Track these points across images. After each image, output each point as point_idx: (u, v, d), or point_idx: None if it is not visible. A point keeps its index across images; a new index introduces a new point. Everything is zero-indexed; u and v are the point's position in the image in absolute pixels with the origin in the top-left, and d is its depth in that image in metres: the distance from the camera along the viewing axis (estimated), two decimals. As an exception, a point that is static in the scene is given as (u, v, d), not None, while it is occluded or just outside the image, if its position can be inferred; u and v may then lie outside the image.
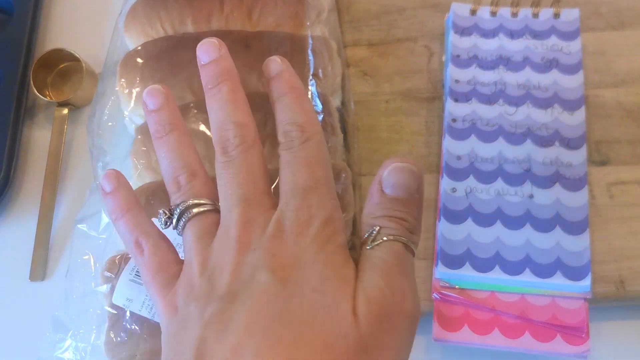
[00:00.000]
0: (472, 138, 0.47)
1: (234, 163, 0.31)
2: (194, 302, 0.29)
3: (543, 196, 0.44)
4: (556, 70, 0.49)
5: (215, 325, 0.27)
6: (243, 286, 0.28)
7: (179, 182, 0.33)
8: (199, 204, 0.32)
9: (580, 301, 0.42)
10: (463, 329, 0.42)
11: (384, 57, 0.53)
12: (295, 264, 0.28)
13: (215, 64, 0.33)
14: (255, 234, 0.30)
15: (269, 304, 0.27)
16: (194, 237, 0.31)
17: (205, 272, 0.30)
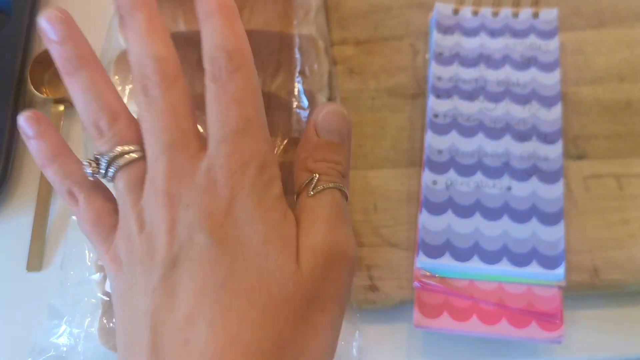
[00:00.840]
0: (453, 133, 0.48)
1: (156, 104, 0.28)
2: (138, 265, 0.28)
3: (520, 188, 0.46)
4: (534, 68, 0.51)
5: (163, 292, 0.27)
6: (182, 249, 0.27)
7: (100, 127, 0.29)
8: (126, 152, 0.29)
9: (554, 289, 0.44)
10: (443, 316, 0.43)
11: (371, 55, 0.55)
12: (233, 223, 0.27)
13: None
14: (185, 186, 0.28)
15: (213, 270, 0.26)
16: (126, 190, 0.29)
17: (143, 229, 0.28)
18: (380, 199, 0.49)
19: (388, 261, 0.46)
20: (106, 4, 0.59)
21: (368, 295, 0.45)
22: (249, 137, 0.28)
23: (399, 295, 0.45)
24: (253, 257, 0.27)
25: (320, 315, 0.28)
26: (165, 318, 0.27)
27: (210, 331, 0.26)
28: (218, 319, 0.26)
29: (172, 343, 0.26)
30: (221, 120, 0.28)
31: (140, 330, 0.27)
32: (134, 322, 0.28)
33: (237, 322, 0.26)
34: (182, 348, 0.26)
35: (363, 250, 0.47)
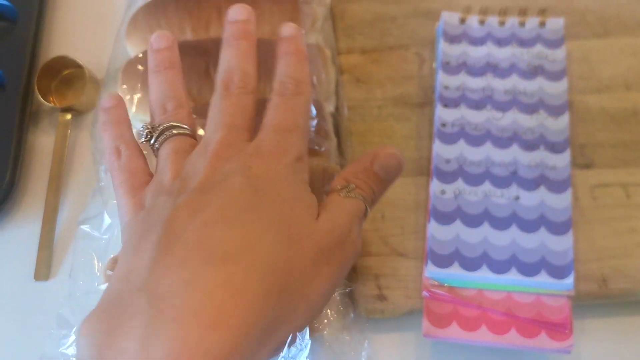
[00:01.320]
0: (461, 142, 0.49)
1: (231, 98, 0.35)
2: (163, 195, 0.31)
3: (528, 198, 0.46)
4: (541, 77, 0.51)
5: (188, 207, 0.29)
6: (217, 184, 0.30)
7: (166, 107, 0.36)
8: (180, 127, 0.35)
9: (563, 299, 0.44)
10: (452, 325, 0.43)
11: (377, 64, 0.55)
12: (268, 179, 0.31)
13: (243, 23, 0.37)
14: (234, 151, 0.32)
15: (242, 198, 0.29)
16: (171, 151, 0.34)
17: (177, 178, 0.32)
18: (388, 208, 0.49)
19: (396, 270, 0.46)
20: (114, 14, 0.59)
21: (376, 304, 0.45)
22: (294, 136, 0.34)
23: (407, 305, 0.45)
24: (280, 203, 0.30)
25: (326, 267, 0.31)
26: (182, 221, 0.28)
27: (226, 234, 0.27)
28: (237, 227, 0.28)
29: (183, 239, 0.27)
30: (277, 119, 0.34)
31: (152, 232, 0.28)
32: (144, 230, 0.29)
33: (255, 235, 0.28)
34: (193, 243, 0.27)
35: (371, 259, 0.47)
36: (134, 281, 0.27)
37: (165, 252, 0.27)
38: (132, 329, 0.24)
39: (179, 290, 0.25)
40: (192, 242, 0.27)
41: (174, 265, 0.26)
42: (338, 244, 0.32)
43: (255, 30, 0.38)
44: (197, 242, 0.27)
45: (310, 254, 0.30)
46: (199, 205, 0.29)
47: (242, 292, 0.25)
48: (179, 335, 0.23)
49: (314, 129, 0.47)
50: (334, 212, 0.33)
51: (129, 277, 0.27)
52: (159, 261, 0.27)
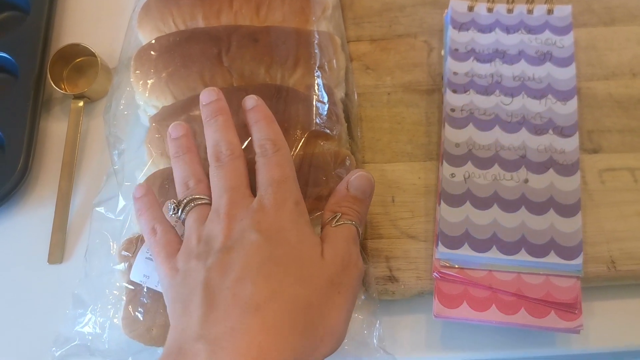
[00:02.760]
0: (470, 127, 0.49)
1: (224, 166, 0.41)
2: (194, 260, 0.37)
3: (537, 181, 0.47)
4: (550, 63, 0.51)
5: (217, 269, 0.36)
6: (236, 243, 0.37)
7: (188, 185, 0.42)
8: (200, 198, 0.41)
9: (573, 279, 0.44)
10: (462, 306, 0.44)
11: (386, 52, 0.55)
12: (276, 229, 0.37)
13: (215, 102, 0.43)
14: (241, 210, 0.38)
15: (259, 252, 0.36)
16: (193, 220, 0.40)
17: (201, 241, 0.38)
18: (398, 192, 0.49)
19: (406, 252, 0.47)
20: (126, 3, 0.60)
21: (387, 285, 0.46)
22: (288, 185, 0.40)
23: (418, 286, 0.46)
24: (290, 249, 0.37)
25: (338, 296, 0.37)
26: (218, 284, 0.35)
27: (254, 288, 0.34)
28: (261, 280, 0.35)
29: (222, 297, 0.34)
30: (268, 175, 0.40)
31: (194, 296, 0.35)
32: (187, 293, 0.36)
33: (277, 283, 0.35)
34: (231, 299, 0.34)
35: (382, 242, 0.47)
36: (189, 335, 0.34)
37: (210, 309, 0.34)
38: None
39: (227, 336, 0.33)
40: (229, 298, 0.34)
41: (220, 318, 0.34)
42: (343, 269, 0.38)
43: (226, 104, 0.43)
44: (233, 297, 0.34)
45: (323, 288, 0.36)
46: (227, 265, 0.36)
47: (275, 332, 0.33)
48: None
49: (326, 114, 0.48)
50: (332, 242, 0.39)
51: (184, 333, 0.34)
52: (208, 316, 0.34)
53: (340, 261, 0.38)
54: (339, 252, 0.38)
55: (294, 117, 0.47)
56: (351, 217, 0.40)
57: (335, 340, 0.36)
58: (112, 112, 0.51)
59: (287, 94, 0.48)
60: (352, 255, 0.39)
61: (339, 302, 0.37)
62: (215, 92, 0.44)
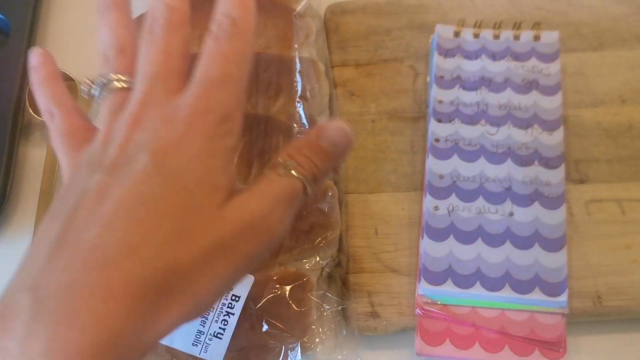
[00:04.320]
0: (455, 157, 0.48)
1: (155, 42, 0.32)
2: (85, 167, 0.30)
3: (523, 214, 0.46)
4: (536, 91, 0.50)
5: (94, 195, 0.28)
6: (125, 162, 0.29)
7: (107, 56, 0.34)
8: (120, 80, 0.32)
9: (558, 316, 0.43)
10: (445, 343, 0.43)
11: (371, 77, 0.55)
12: (176, 155, 0.29)
13: None
14: (151, 114, 0.30)
15: (141, 186, 0.28)
16: (108, 110, 0.32)
17: (106, 142, 0.31)
18: (381, 223, 0.48)
19: (389, 287, 0.46)
20: None
21: (369, 321, 0.45)
22: (222, 90, 0.30)
23: (400, 322, 0.45)
24: (181, 190, 0.28)
25: (222, 263, 0.29)
26: (82, 216, 0.28)
27: (112, 237, 0.27)
28: (126, 228, 0.27)
29: (76, 240, 0.27)
30: (204, 68, 0.30)
31: (55, 224, 0.28)
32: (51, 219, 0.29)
33: (141, 237, 0.27)
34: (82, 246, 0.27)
35: (364, 275, 0.46)
36: (24, 279, 0.27)
37: (57, 254, 0.27)
38: (14, 329, 0.26)
39: (60, 294, 0.26)
40: (81, 244, 0.27)
41: (60, 269, 0.27)
42: (244, 233, 0.29)
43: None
44: (84, 244, 0.27)
45: (204, 250, 0.28)
46: (103, 194, 0.28)
47: (116, 298, 0.26)
48: (54, 337, 0.25)
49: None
50: (254, 194, 0.30)
51: (22, 275, 0.28)
52: (52, 260, 0.27)
53: (246, 221, 0.29)
54: (252, 209, 0.30)
55: (275, 149, 0.46)
56: (304, 172, 0.31)
57: (196, 310, 0.29)
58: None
59: (268, 124, 0.47)
60: (270, 216, 0.30)
61: (220, 270, 0.29)
62: None
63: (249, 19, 0.31)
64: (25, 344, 0.25)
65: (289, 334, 0.42)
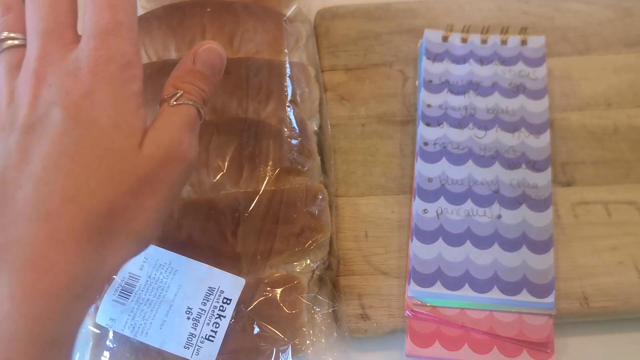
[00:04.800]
0: (443, 161, 0.49)
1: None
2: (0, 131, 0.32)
3: (510, 216, 0.46)
4: (523, 95, 0.51)
5: (16, 155, 0.30)
6: (39, 120, 0.30)
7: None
8: (11, 38, 0.33)
9: (545, 317, 0.44)
10: (434, 345, 0.44)
11: (361, 82, 0.55)
12: (88, 105, 0.30)
13: None
14: (53, 68, 0.31)
15: (62, 140, 0.30)
16: (4, 70, 0.33)
17: (11, 103, 0.32)
18: (371, 226, 0.49)
19: (379, 289, 0.46)
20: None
21: (359, 323, 0.45)
22: (118, 38, 0.31)
23: (390, 324, 0.45)
24: (100, 136, 0.30)
25: (151, 196, 0.31)
26: (12, 177, 0.30)
27: (48, 191, 0.29)
28: (58, 180, 0.29)
29: (14, 199, 0.29)
30: (94, 20, 0.31)
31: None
32: None
33: (76, 186, 0.29)
34: (22, 203, 0.29)
35: (354, 278, 0.47)
36: None
37: (1, 212, 0.29)
38: None
39: (12, 248, 0.28)
40: (20, 201, 0.29)
41: (7, 225, 0.29)
42: (163, 163, 0.32)
43: None
44: (24, 200, 0.29)
45: (133, 188, 0.31)
46: (25, 153, 0.30)
47: (65, 243, 0.28)
48: (17, 283, 0.27)
49: (298, 149, 0.47)
50: (161, 128, 0.33)
51: None
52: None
53: (163, 153, 0.32)
54: (165, 141, 0.32)
55: (265, 153, 0.47)
56: (193, 97, 0.34)
57: (139, 244, 0.32)
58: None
59: (258, 129, 0.48)
60: (181, 144, 0.33)
61: (150, 203, 0.31)
62: None
63: None
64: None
65: (280, 337, 0.42)
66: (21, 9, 0.34)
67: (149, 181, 0.31)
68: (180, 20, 0.52)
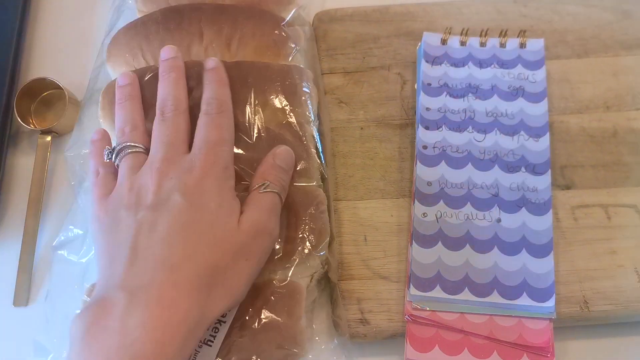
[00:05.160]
0: (442, 164, 0.49)
1: (167, 121, 0.44)
2: (124, 210, 0.41)
3: (510, 220, 0.46)
4: (522, 98, 0.51)
5: (145, 226, 0.39)
6: (162, 202, 0.40)
7: (124, 131, 0.45)
8: (135, 146, 0.44)
9: (545, 322, 0.44)
10: (434, 349, 0.43)
11: (359, 85, 0.55)
12: (200, 192, 0.41)
13: (172, 60, 0.48)
14: (173, 167, 0.42)
15: (181, 216, 0.40)
16: (127, 167, 0.43)
17: (132, 190, 0.42)
18: (370, 230, 0.48)
19: (378, 294, 0.46)
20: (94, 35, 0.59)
21: (359, 328, 0.45)
22: (222, 148, 0.43)
23: (390, 329, 0.45)
24: (209, 215, 0.40)
25: (245, 263, 0.40)
26: (143, 240, 0.39)
27: (172, 250, 0.38)
28: (179, 243, 0.39)
29: (144, 256, 0.38)
30: (205, 135, 0.43)
31: (122, 249, 0.39)
32: (116, 246, 0.40)
33: (192, 249, 0.39)
34: (151, 257, 0.38)
35: (353, 282, 0.47)
36: (113, 284, 0.38)
37: (133, 264, 0.38)
38: (114, 313, 0.36)
39: (145, 289, 0.37)
40: (150, 256, 0.38)
41: (140, 272, 0.38)
42: (255, 238, 0.41)
43: (182, 62, 0.48)
44: (153, 256, 0.38)
45: (232, 254, 0.40)
46: (153, 224, 0.39)
47: (185, 289, 0.37)
48: (147, 315, 0.35)
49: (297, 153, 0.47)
50: (253, 210, 0.42)
51: (108, 282, 0.39)
52: (130, 269, 0.38)
53: (254, 230, 0.41)
54: (256, 220, 0.41)
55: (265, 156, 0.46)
56: (276, 187, 0.43)
57: (233, 299, 0.40)
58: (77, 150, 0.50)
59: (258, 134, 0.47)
60: (268, 224, 0.42)
61: (243, 267, 0.40)
62: (174, 51, 0.48)
63: (229, 102, 0.46)
64: (124, 321, 0.35)
65: (279, 342, 0.42)
66: (145, 131, 0.46)
67: (244, 250, 0.40)
68: (178, 24, 0.52)
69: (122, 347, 0.34)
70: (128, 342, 0.34)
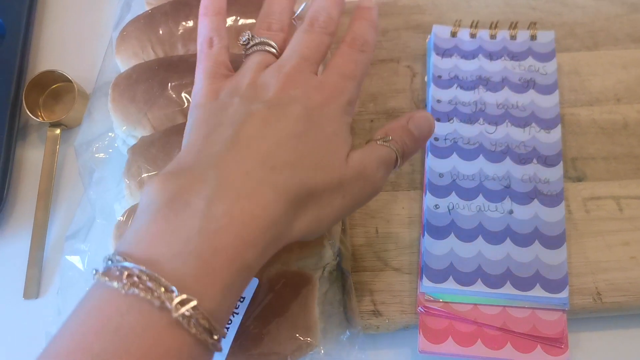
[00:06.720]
0: (454, 156, 0.49)
1: (312, 34, 0.41)
2: (238, 98, 0.38)
3: (522, 212, 0.46)
4: (533, 90, 0.51)
5: (258, 118, 0.36)
6: (280, 106, 0.37)
7: (271, 26, 0.42)
8: (272, 46, 0.41)
9: (559, 313, 0.44)
10: (447, 341, 0.43)
11: (369, 77, 0.55)
12: (320, 113, 0.38)
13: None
14: (302, 79, 0.39)
15: (297, 125, 0.37)
16: (256, 62, 0.40)
17: (253, 85, 0.39)
18: (381, 222, 0.48)
19: (390, 285, 0.46)
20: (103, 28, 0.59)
21: (372, 320, 0.45)
22: (352, 83, 0.40)
23: (402, 321, 0.45)
24: (321, 136, 0.37)
25: (340, 199, 0.38)
26: (250, 130, 0.36)
27: (279, 151, 0.35)
28: (287, 149, 0.36)
29: (248, 145, 0.35)
30: (341, 65, 0.40)
31: (224, 129, 0.36)
32: (218, 124, 0.37)
33: (297, 159, 0.36)
34: (255, 149, 0.35)
35: (365, 274, 0.47)
36: (204, 161, 0.35)
37: (234, 149, 0.35)
38: (202, 191, 0.33)
39: (239, 177, 0.34)
40: (254, 148, 0.35)
41: (240, 161, 0.34)
42: (359, 179, 0.38)
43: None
44: (257, 149, 0.35)
45: (331, 184, 0.37)
46: (266, 121, 0.36)
47: (281, 196, 0.34)
48: (238, 206, 0.32)
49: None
50: (367, 153, 0.39)
51: (199, 156, 0.35)
52: (229, 153, 0.35)
53: (361, 171, 0.38)
54: (364, 163, 0.39)
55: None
56: (397, 146, 0.41)
57: (315, 230, 0.37)
58: (86, 142, 0.50)
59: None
60: (375, 172, 0.39)
61: (338, 203, 0.38)
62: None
63: (373, 44, 0.43)
64: (210, 203, 0.32)
65: (293, 332, 0.41)
66: (288, 35, 0.42)
67: (343, 186, 0.37)
68: (187, 16, 0.52)
69: (204, 232, 0.31)
70: (211, 229, 0.31)
